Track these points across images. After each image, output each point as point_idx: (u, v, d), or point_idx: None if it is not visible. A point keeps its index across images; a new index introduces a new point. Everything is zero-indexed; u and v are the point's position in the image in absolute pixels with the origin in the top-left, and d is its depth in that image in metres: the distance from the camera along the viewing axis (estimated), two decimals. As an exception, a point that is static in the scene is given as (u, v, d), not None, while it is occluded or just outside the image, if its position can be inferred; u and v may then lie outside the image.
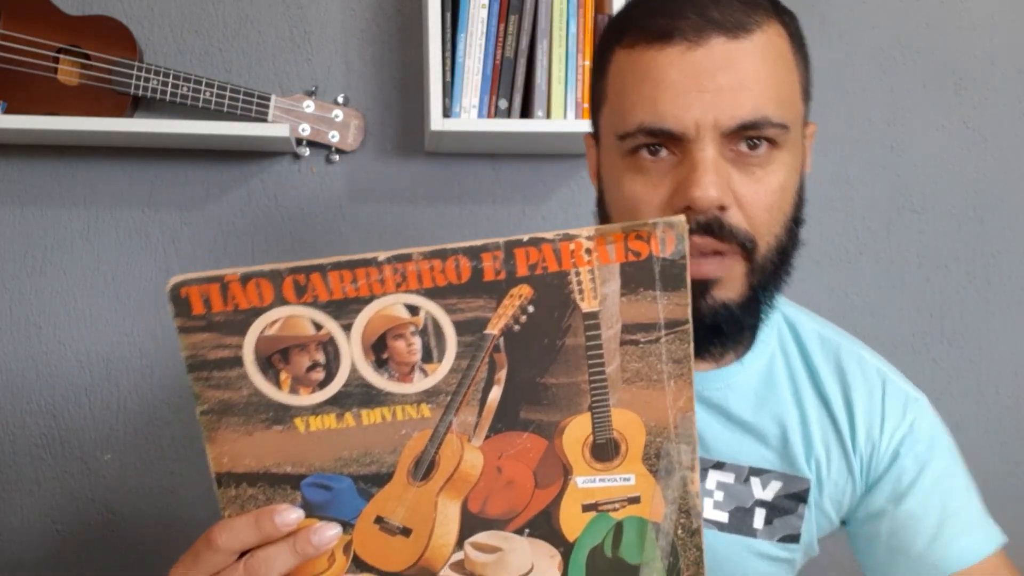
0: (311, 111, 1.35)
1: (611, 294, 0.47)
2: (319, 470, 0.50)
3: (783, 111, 0.65)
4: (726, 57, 0.63)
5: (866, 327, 1.53)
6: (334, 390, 0.48)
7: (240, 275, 0.46)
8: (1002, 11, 1.55)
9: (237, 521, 0.50)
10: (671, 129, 0.64)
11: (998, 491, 1.57)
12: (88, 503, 1.40)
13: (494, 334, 0.48)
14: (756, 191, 0.65)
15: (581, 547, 0.52)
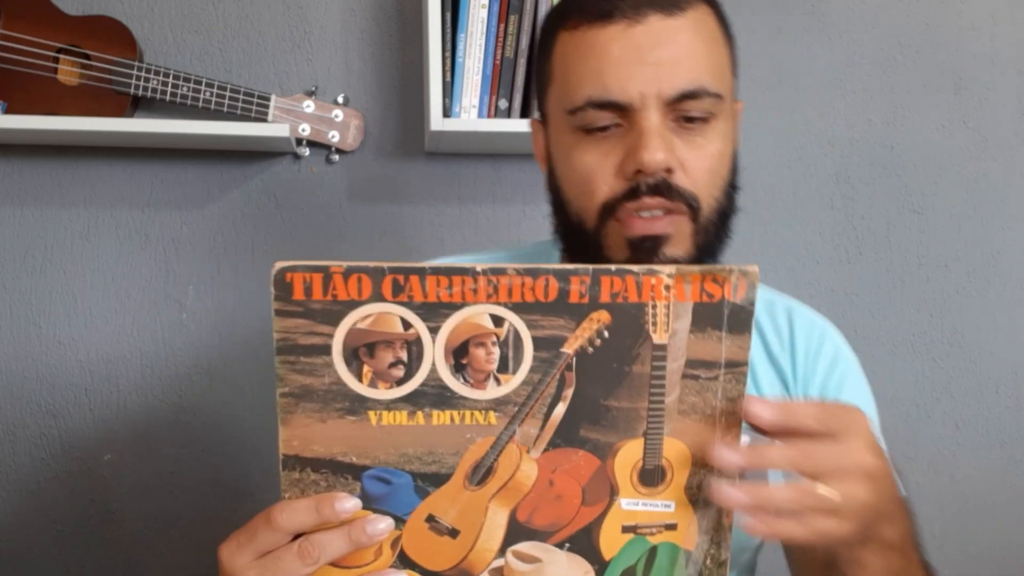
0: (311, 111, 1.35)
1: (681, 329, 0.50)
2: (383, 463, 0.51)
3: (717, 82, 0.71)
4: (663, 32, 0.69)
5: (866, 327, 1.53)
6: (411, 388, 0.50)
7: (345, 268, 0.48)
8: (1002, 11, 1.55)
9: (298, 503, 0.52)
10: (617, 100, 0.69)
11: (998, 491, 1.57)
12: (88, 503, 1.40)
13: (569, 353, 0.50)
14: (698, 156, 0.70)
15: (615, 566, 0.54)
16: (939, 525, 1.56)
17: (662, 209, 0.70)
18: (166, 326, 1.41)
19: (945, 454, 1.56)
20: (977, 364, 1.56)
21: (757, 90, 1.51)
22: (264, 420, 1.40)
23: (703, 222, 0.72)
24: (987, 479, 1.57)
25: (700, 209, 0.71)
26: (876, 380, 1.57)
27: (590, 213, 0.73)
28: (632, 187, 0.70)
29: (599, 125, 0.70)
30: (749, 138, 1.51)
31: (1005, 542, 1.57)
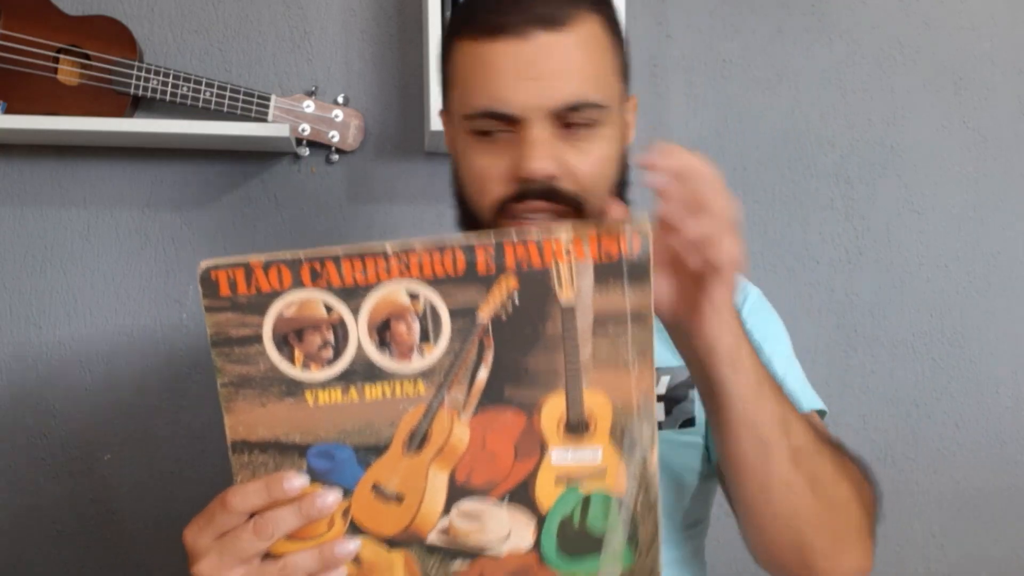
0: (311, 111, 1.35)
1: (585, 287, 0.53)
2: (324, 440, 0.54)
3: (601, 92, 0.75)
4: (548, 48, 0.73)
5: (866, 327, 1.54)
6: (342, 367, 0.53)
7: (264, 261, 0.51)
8: (1002, 11, 1.55)
9: (249, 486, 0.56)
10: (505, 112, 0.74)
11: (998, 491, 1.57)
12: (88, 503, 1.40)
13: (484, 320, 0.53)
14: (583, 161, 0.75)
15: (553, 517, 0.58)
16: (939, 525, 1.56)
17: (549, 212, 0.75)
18: (166, 326, 1.41)
19: (945, 454, 1.56)
20: (977, 364, 1.56)
21: (757, 90, 1.51)
22: (264, 420, 1.40)
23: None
24: (987, 479, 1.57)
25: (586, 210, 0.76)
26: (876, 380, 1.58)
27: (484, 211, 0.78)
28: (520, 191, 0.75)
29: (491, 131, 0.76)
30: (749, 138, 1.51)
31: (1005, 542, 1.57)
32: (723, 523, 0.93)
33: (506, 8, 0.74)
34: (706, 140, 1.50)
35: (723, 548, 1.13)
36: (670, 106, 1.50)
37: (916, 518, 1.56)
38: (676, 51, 1.50)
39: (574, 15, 0.75)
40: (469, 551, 0.57)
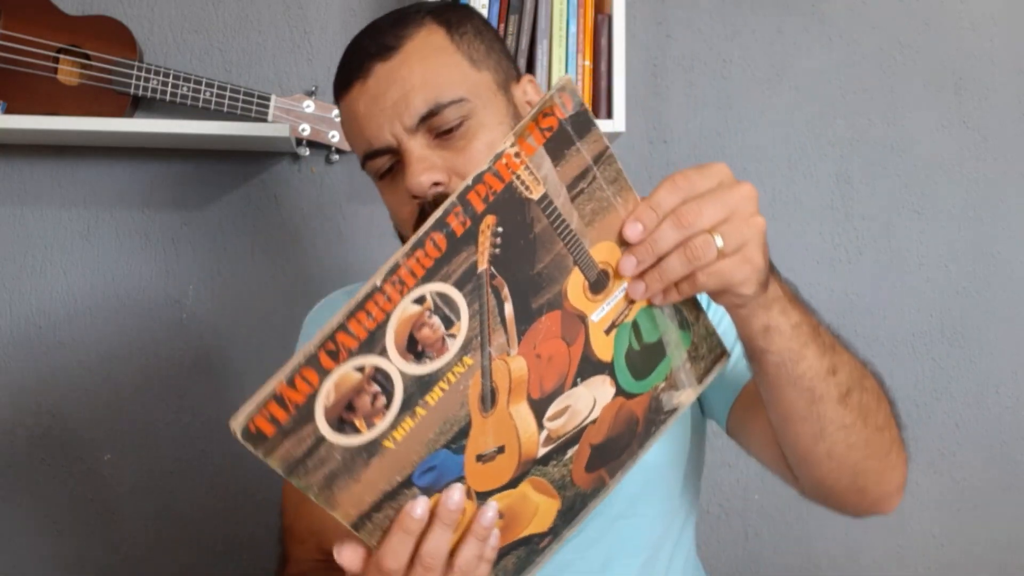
0: (311, 111, 1.35)
1: (548, 172, 0.55)
2: (419, 462, 0.56)
3: (453, 90, 0.78)
4: (386, 76, 0.79)
5: (866, 327, 1.54)
6: (399, 401, 0.54)
7: (284, 379, 0.50)
8: (1002, 11, 1.55)
9: (389, 541, 0.56)
10: (377, 148, 0.79)
11: (998, 491, 1.57)
12: (88, 503, 1.40)
13: (484, 268, 0.54)
14: (466, 158, 0.78)
15: (618, 360, 0.62)
16: (939, 525, 1.56)
17: None
18: (166, 326, 1.41)
19: (945, 454, 1.56)
20: (977, 364, 1.56)
21: (757, 90, 1.51)
22: (264, 420, 1.40)
23: None
24: (987, 479, 1.57)
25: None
26: (876, 380, 1.57)
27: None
28: (420, 209, 0.78)
29: (384, 169, 0.80)
30: (749, 138, 1.51)
31: (1005, 542, 1.57)
32: (723, 522, 0.93)
33: (350, 59, 0.82)
34: (706, 140, 1.50)
35: (723, 548, 1.13)
36: (670, 106, 1.50)
37: (916, 518, 1.56)
38: (676, 51, 1.50)
39: (403, 35, 0.81)
40: (573, 437, 0.62)
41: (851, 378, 0.69)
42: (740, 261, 0.58)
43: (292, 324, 0.98)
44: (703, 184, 0.57)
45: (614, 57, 1.33)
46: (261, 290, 1.42)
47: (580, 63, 1.33)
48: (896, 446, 0.75)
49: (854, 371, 0.70)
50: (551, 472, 0.62)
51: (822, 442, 0.70)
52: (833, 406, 0.68)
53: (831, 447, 0.70)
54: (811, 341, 0.65)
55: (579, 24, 1.33)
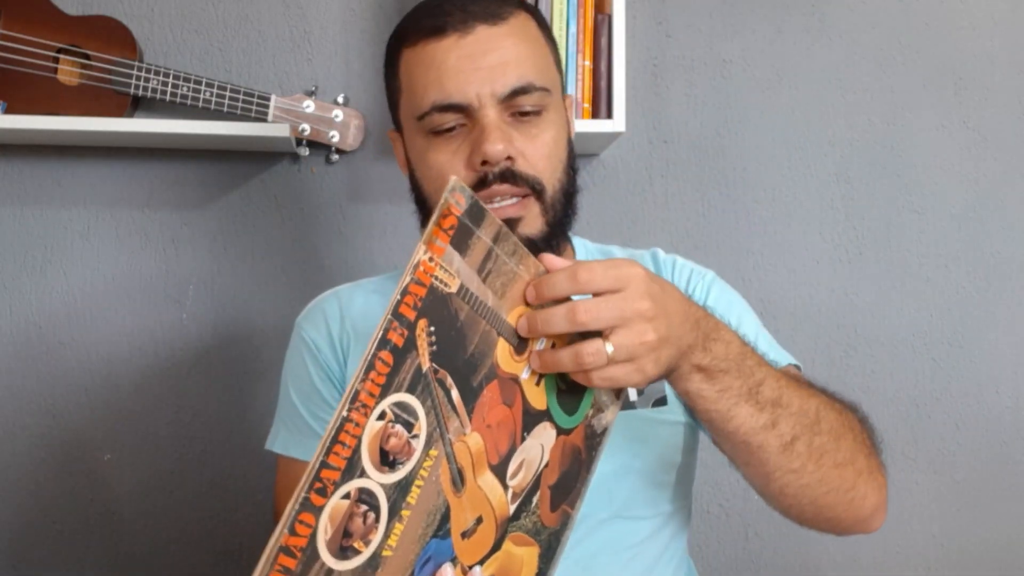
0: (311, 111, 1.35)
1: (459, 264, 0.59)
2: (415, 559, 0.59)
3: (543, 77, 0.81)
4: (490, 40, 0.79)
5: (866, 327, 1.54)
6: (385, 512, 0.57)
7: (286, 530, 0.51)
8: (1002, 11, 1.55)
9: None
10: (458, 102, 0.79)
11: (998, 491, 1.57)
12: (88, 503, 1.40)
13: (428, 367, 0.58)
14: (535, 145, 0.80)
15: (552, 402, 0.67)
16: (939, 525, 1.56)
17: (511, 195, 0.80)
18: (166, 326, 1.41)
19: (945, 454, 1.56)
20: (977, 364, 1.56)
21: (757, 90, 1.51)
22: (264, 420, 1.40)
23: (549, 202, 0.82)
24: (987, 479, 1.57)
25: (545, 190, 0.81)
26: (876, 380, 1.58)
27: None
28: (481, 177, 0.79)
29: (446, 127, 0.80)
30: (749, 138, 1.51)
31: (1005, 542, 1.57)
32: (722, 522, 0.93)
33: (447, 10, 0.80)
34: (706, 140, 1.50)
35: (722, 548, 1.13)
36: (670, 106, 1.50)
37: (916, 518, 1.56)
38: (676, 51, 1.50)
39: (510, 11, 0.81)
40: (533, 485, 0.67)
41: (797, 427, 0.70)
42: (631, 370, 0.61)
43: (292, 324, 0.98)
44: (605, 284, 0.60)
45: (614, 57, 1.33)
46: (261, 290, 1.42)
47: (580, 63, 1.33)
48: (865, 475, 0.75)
49: (802, 419, 0.71)
50: (524, 523, 0.66)
51: (772, 483, 0.72)
52: (776, 455, 0.69)
53: (782, 487, 0.72)
54: (743, 402, 0.67)
55: (579, 24, 1.33)
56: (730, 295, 0.96)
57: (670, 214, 1.50)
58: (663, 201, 1.50)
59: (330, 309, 0.94)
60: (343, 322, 0.92)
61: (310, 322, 0.94)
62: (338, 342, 0.92)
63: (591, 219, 1.46)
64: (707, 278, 0.95)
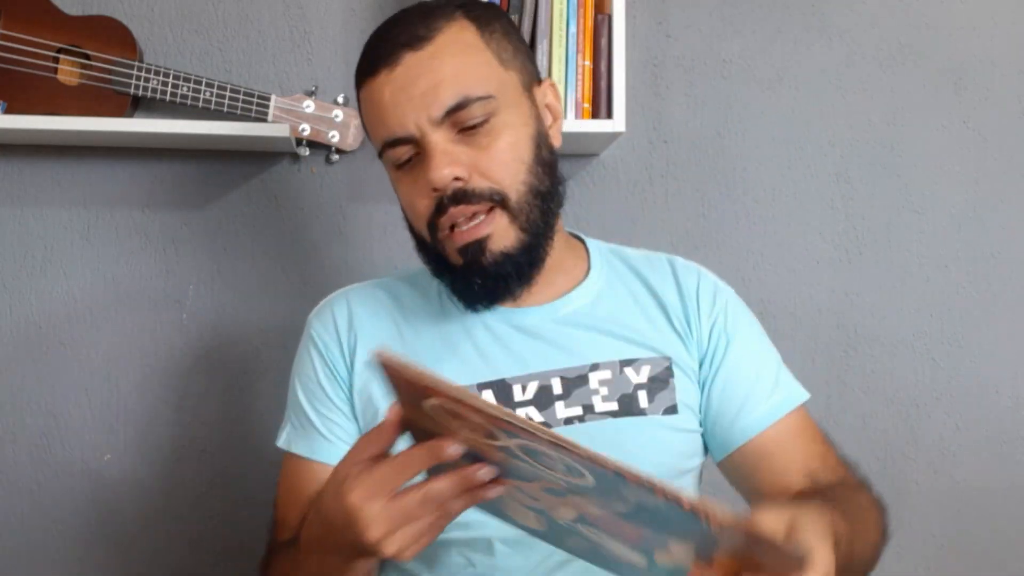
0: (311, 111, 1.35)
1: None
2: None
3: (482, 85, 0.80)
4: (416, 66, 0.79)
5: (866, 327, 1.53)
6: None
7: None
8: (1002, 11, 1.55)
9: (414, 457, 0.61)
10: (400, 135, 0.80)
11: (998, 491, 1.57)
12: (88, 503, 1.40)
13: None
14: (489, 156, 0.80)
15: None
16: (939, 525, 1.56)
17: (472, 214, 0.80)
18: (166, 326, 1.41)
19: (945, 454, 1.56)
20: (977, 364, 1.56)
21: (757, 90, 1.51)
22: (264, 420, 1.40)
23: (516, 207, 0.82)
24: (987, 479, 1.56)
25: (507, 198, 0.81)
26: (876, 380, 1.57)
27: (423, 233, 0.85)
28: (438, 203, 0.80)
29: (403, 159, 0.82)
30: (749, 138, 1.51)
31: (1005, 542, 1.57)
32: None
33: (377, 45, 0.82)
34: (706, 140, 1.50)
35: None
36: (670, 106, 1.50)
37: (916, 518, 1.55)
38: (676, 51, 1.50)
39: (435, 27, 0.80)
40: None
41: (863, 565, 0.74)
42: None
43: (292, 324, 0.98)
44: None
45: (614, 57, 1.33)
46: (261, 290, 1.42)
47: (580, 63, 1.33)
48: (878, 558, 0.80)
49: (862, 564, 0.74)
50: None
51: None
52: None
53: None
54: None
55: (579, 24, 1.33)
56: (749, 321, 0.96)
57: (670, 214, 1.50)
58: (663, 201, 1.50)
59: (339, 309, 0.94)
60: (351, 322, 0.93)
61: (320, 320, 0.95)
62: (345, 342, 0.92)
63: (591, 219, 1.46)
64: (729, 296, 0.96)
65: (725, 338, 0.92)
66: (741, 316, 0.95)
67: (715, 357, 0.92)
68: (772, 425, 0.90)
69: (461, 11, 0.83)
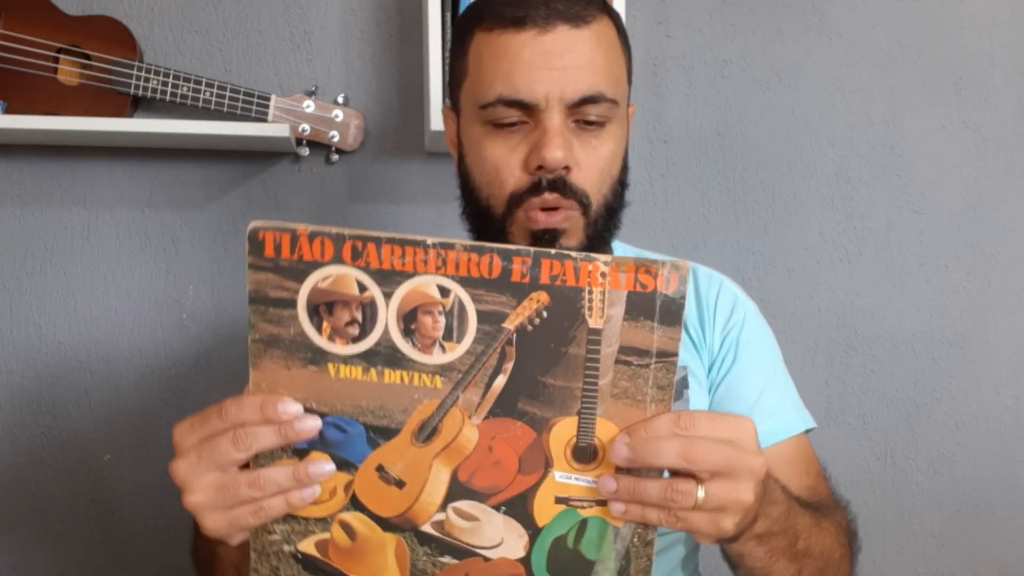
0: (311, 111, 1.35)
1: (615, 316, 0.53)
2: (340, 413, 0.56)
3: (614, 88, 0.78)
4: (569, 42, 0.76)
5: (866, 327, 1.54)
6: (366, 346, 0.55)
7: (309, 231, 0.53)
8: (1002, 11, 1.55)
9: (247, 399, 0.57)
10: (525, 100, 0.76)
11: (998, 491, 1.57)
12: (88, 503, 1.40)
13: (509, 329, 0.53)
14: (592, 157, 0.78)
15: (548, 534, 0.58)
16: (939, 525, 1.56)
17: (558, 205, 0.78)
18: (166, 326, 1.41)
19: (945, 454, 1.56)
20: (977, 364, 1.56)
21: (757, 90, 1.51)
22: (264, 420, 1.40)
23: (592, 217, 0.80)
24: (987, 479, 1.57)
25: (590, 206, 0.79)
26: (876, 380, 1.57)
27: (498, 202, 0.80)
28: (535, 182, 0.77)
29: (507, 121, 0.77)
30: (749, 138, 1.51)
31: (1005, 542, 1.57)
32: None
33: (531, 2, 0.77)
34: (706, 140, 1.50)
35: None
36: (670, 106, 1.50)
37: (916, 518, 1.56)
38: (676, 51, 1.50)
39: (593, 15, 0.78)
40: (460, 549, 0.59)
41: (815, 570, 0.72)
42: (710, 521, 0.57)
43: (292, 324, 0.98)
44: (726, 433, 0.56)
45: (614, 57, 1.33)
46: (261, 290, 1.42)
47: (580, 63, 1.33)
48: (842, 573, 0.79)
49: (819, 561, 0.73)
50: (419, 557, 0.59)
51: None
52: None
53: None
54: (783, 558, 0.67)
55: (579, 24, 1.33)
56: (763, 339, 0.94)
57: (670, 214, 1.50)
58: (663, 201, 1.50)
59: None
60: None
61: None
62: None
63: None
64: (749, 310, 0.94)
65: (734, 352, 0.90)
66: (756, 333, 0.93)
67: (721, 368, 0.90)
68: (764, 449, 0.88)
69: (607, 13, 0.82)
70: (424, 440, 0.57)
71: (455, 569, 0.60)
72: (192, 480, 0.60)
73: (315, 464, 0.57)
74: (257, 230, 0.53)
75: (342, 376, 0.56)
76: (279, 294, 0.55)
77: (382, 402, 0.56)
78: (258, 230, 0.53)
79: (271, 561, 0.61)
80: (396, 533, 0.59)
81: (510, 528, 0.58)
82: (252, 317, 0.55)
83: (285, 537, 0.60)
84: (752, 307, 0.95)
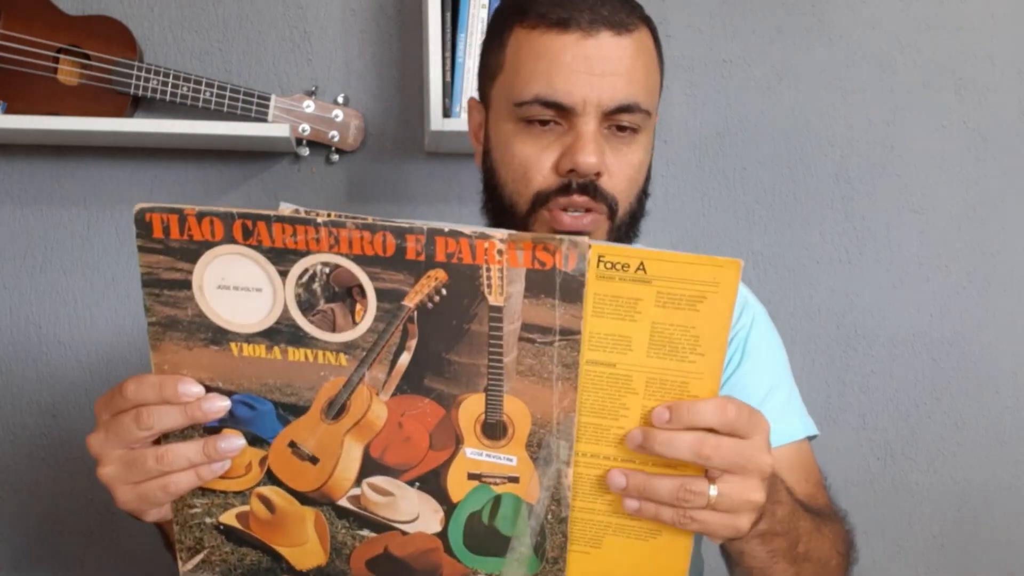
0: (311, 111, 1.35)
1: (516, 293, 0.53)
2: (247, 391, 0.56)
3: (649, 99, 0.80)
4: (612, 48, 0.77)
5: (866, 327, 1.54)
6: (267, 324, 0.55)
7: (197, 211, 0.52)
8: (1002, 11, 1.55)
9: (146, 378, 0.57)
10: (563, 102, 0.76)
11: (998, 491, 1.57)
12: (88, 503, 1.40)
13: (409, 306, 0.54)
14: (622, 164, 0.79)
15: (462, 509, 0.59)
16: (939, 525, 1.56)
17: (586, 208, 0.78)
18: (166, 326, 1.41)
19: (945, 454, 1.56)
20: (977, 364, 1.56)
21: (757, 90, 1.51)
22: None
23: (618, 223, 0.80)
24: (987, 479, 1.57)
25: (617, 212, 0.80)
26: (876, 380, 1.57)
27: (523, 199, 0.79)
28: (564, 183, 0.77)
29: (538, 119, 0.77)
30: (749, 138, 1.51)
31: (1005, 542, 1.57)
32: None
33: (576, 4, 0.77)
34: (706, 140, 1.50)
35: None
36: (670, 106, 1.50)
37: (916, 518, 1.56)
38: (676, 51, 1.50)
39: (636, 24, 0.79)
40: (377, 523, 0.60)
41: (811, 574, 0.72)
42: (723, 522, 0.57)
43: (292, 324, 0.98)
44: (741, 428, 0.56)
45: (614, 57, 1.33)
46: (261, 290, 1.42)
47: (580, 63, 1.33)
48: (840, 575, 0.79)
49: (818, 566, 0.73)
50: (338, 530, 0.60)
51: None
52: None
53: None
54: (783, 560, 0.67)
55: (579, 24, 1.33)
56: (770, 344, 0.93)
57: (670, 214, 1.50)
58: (663, 201, 1.50)
59: None
60: None
61: None
62: None
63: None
64: (758, 313, 0.94)
65: (740, 354, 0.90)
66: (764, 337, 0.92)
67: (726, 369, 0.89)
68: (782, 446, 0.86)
69: (647, 24, 0.83)
70: (333, 417, 0.57)
71: (374, 542, 0.60)
72: (103, 453, 0.59)
73: (226, 439, 0.57)
74: (144, 211, 0.52)
75: (245, 354, 0.55)
76: (172, 275, 0.54)
77: (289, 380, 0.56)
78: (144, 211, 0.52)
79: (194, 533, 0.63)
80: (314, 507, 0.60)
81: (425, 503, 0.59)
82: (147, 300, 0.55)
83: (206, 510, 0.61)
84: (762, 311, 0.95)
